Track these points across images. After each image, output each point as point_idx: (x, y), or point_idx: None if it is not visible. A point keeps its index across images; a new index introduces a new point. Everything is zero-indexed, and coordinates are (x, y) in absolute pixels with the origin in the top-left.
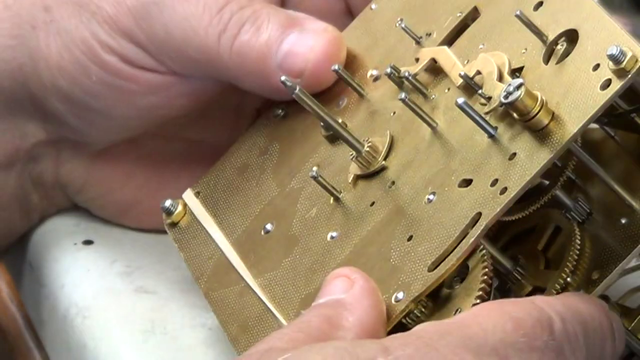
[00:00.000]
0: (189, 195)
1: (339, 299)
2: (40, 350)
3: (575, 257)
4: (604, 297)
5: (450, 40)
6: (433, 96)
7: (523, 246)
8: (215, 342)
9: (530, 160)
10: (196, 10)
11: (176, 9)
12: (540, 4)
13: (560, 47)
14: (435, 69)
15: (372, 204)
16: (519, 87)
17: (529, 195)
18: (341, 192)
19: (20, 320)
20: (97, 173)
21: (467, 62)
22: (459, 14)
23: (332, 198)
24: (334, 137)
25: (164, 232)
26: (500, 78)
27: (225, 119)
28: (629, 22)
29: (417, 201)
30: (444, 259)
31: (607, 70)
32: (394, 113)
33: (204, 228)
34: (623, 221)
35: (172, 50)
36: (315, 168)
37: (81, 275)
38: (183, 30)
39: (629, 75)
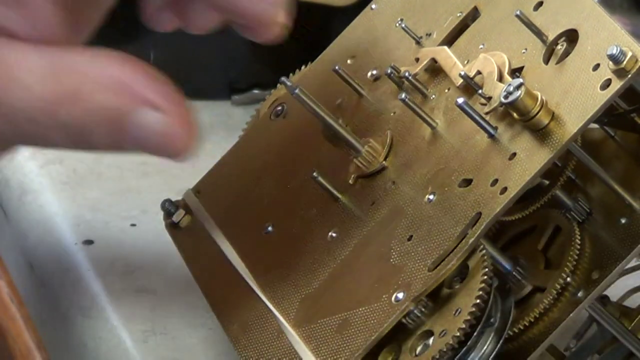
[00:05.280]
0: (189, 195)
1: None
2: (40, 350)
3: (575, 257)
4: (604, 297)
5: (450, 40)
6: (433, 96)
7: (523, 246)
8: (215, 342)
9: (530, 160)
10: None
11: None
12: (540, 4)
13: (560, 47)
14: (435, 69)
15: (372, 204)
16: (519, 87)
17: (529, 195)
18: (341, 192)
19: (20, 320)
20: None
21: (467, 62)
22: (459, 14)
23: (332, 198)
24: (334, 137)
25: (164, 232)
26: (500, 78)
27: None
28: (629, 22)
29: (417, 201)
30: (444, 259)
31: (607, 70)
32: (394, 113)
33: (204, 228)
34: (623, 221)
35: None
36: (315, 168)
37: (81, 275)
38: None
39: (629, 75)
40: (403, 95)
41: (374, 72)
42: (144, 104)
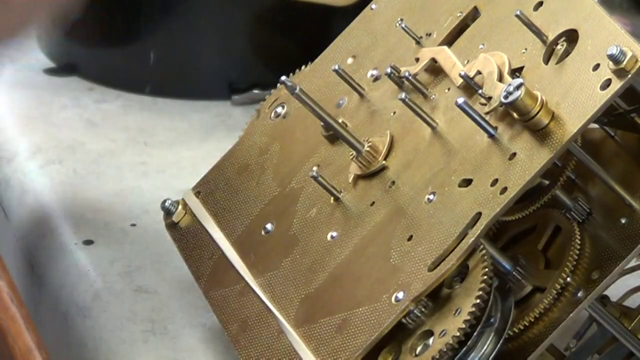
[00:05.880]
0: (189, 195)
1: None
2: (40, 350)
3: (575, 257)
4: (604, 297)
5: (450, 40)
6: (433, 96)
7: (523, 246)
8: (215, 342)
9: (530, 160)
10: None
11: None
12: (540, 4)
13: (560, 47)
14: (435, 69)
15: (372, 203)
16: (519, 87)
17: (529, 195)
18: (341, 192)
19: (20, 320)
20: None
21: (467, 62)
22: (459, 14)
23: (332, 198)
24: (334, 137)
25: (164, 232)
26: (500, 78)
27: None
28: (629, 22)
29: (417, 201)
30: (444, 259)
31: (607, 70)
32: (394, 113)
33: (204, 228)
34: (623, 221)
35: None
36: (315, 168)
37: (81, 275)
38: None
39: (629, 75)
40: (403, 95)
41: (374, 72)
42: None
